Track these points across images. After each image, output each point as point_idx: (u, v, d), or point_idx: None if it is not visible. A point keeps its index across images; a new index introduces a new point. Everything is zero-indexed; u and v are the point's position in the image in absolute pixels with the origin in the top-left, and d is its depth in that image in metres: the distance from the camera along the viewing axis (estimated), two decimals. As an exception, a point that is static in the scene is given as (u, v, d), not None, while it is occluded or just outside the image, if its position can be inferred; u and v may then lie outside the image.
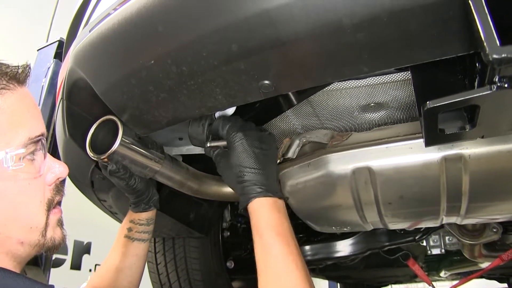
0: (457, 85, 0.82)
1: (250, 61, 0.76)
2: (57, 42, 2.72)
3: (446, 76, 0.84)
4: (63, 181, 0.89)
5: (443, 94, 0.68)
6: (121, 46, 0.85)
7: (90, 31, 0.92)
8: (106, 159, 1.04)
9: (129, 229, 1.24)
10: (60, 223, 0.86)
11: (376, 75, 1.02)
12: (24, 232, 0.78)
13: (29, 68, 0.81)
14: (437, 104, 0.64)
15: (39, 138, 0.79)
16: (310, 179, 1.16)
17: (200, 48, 0.76)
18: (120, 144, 1.02)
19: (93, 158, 1.05)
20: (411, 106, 1.12)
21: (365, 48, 0.70)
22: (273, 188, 1.00)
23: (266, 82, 0.79)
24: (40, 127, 0.81)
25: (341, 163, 1.09)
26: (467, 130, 0.71)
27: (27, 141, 0.77)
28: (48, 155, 0.83)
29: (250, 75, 0.79)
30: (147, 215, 1.26)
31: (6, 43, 3.82)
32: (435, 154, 0.98)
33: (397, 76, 1.01)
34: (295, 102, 1.10)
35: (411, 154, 1.01)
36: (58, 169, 0.85)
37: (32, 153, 0.79)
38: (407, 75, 1.00)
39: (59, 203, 0.87)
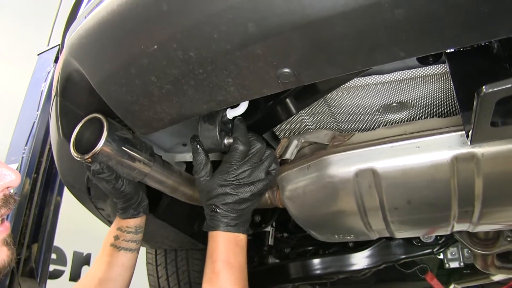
0: (504, 74, 0.72)
1: (269, 45, 0.66)
2: (58, 46, 2.66)
3: (489, 65, 0.74)
4: (15, 192, 0.75)
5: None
6: (120, 30, 0.75)
7: (85, 18, 0.83)
8: (90, 159, 0.97)
9: (116, 237, 1.17)
10: (5, 242, 0.73)
11: (399, 70, 0.92)
12: None
13: None
14: (497, 89, 0.53)
15: None
16: (310, 182, 1.08)
17: (210, 30, 0.66)
18: (105, 144, 0.97)
19: (76, 158, 0.98)
20: (438, 105, 1.02)
21: (404, 27, 0.61)
22: (240, 225, 1.02)
23: (286, 70, 0.69)
24: None
25: (343, 164, 1.01)
26: (525, 123, 0.61)
27: None
28: None
29: (268, 62, 0.69)
30: (136, 222, 1.18)
31: (7, 47, 3.77)
32: (445, 153, 0.90)
33: (423, 71, 0.91)
34: (294, 111, 1.01)
35: (418, 154, 0.93)
36: (8, 176, 0.73)
37: None
38: (436, 69, 0.90)
39: (6, 217, 0.75)
